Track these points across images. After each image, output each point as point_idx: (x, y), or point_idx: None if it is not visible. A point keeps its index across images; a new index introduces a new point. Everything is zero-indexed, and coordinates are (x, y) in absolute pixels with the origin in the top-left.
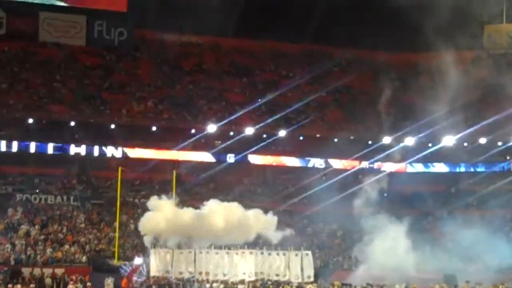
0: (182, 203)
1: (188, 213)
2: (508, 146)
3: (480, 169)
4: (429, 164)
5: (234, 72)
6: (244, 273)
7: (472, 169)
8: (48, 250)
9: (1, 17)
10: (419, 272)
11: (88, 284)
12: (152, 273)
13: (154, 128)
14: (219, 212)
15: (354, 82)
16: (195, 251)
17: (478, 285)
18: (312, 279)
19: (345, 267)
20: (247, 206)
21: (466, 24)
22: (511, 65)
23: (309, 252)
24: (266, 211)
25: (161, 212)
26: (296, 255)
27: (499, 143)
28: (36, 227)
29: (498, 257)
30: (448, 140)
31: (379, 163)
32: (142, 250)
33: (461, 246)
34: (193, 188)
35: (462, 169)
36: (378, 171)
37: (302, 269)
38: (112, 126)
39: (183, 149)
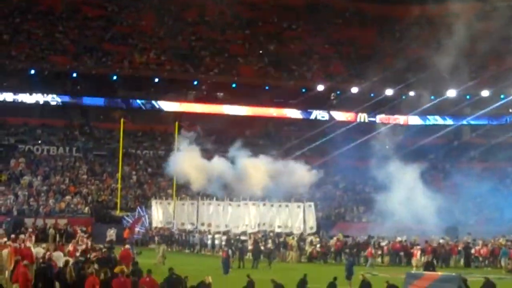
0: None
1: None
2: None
3: (483, 122)
4: (431, 117)
5: (237, 24)
6: (246, 225)
7: (474, 122)
8: (51, 201)
9: None
10: (420, 224)
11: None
12: (154, 224)
13: (156, 80)
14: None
15: (357, 34)
16: (198, 203)
17: (478, 238)
18: (314, 230)
19: (347, 219)
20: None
21: None
22: None
23: (312, 204)
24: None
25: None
26: (298, 206)
27: (502, 96)
28: (39, 178)
29: (499, 209)
30: (451, 93)
31: (381, 116)
32: (144, 201)
33: (463, 198)
34: (195, 140)
35: (465, 122)
36: (380, 124)
37: (304, 221)
38: (114, 77)
39: (185, 100)
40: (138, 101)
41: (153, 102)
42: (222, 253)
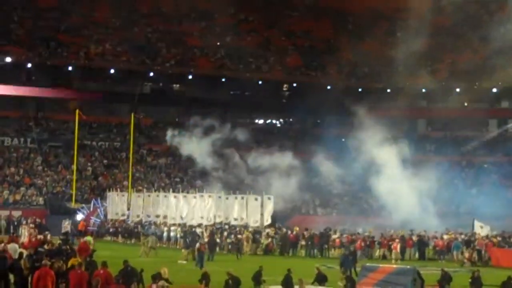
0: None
1: None
2: None
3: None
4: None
5: (193, 15)
6: (202, 217)
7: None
8: (5, 192)
9: None
10: (375, 217)
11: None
12: (109, 216)
13: (112, 71)
14: None
15: (312, 27)
16: (153, 195)
17: (435, 232)
18: (269, 222)
19: (303, 211)
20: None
21: None
22: (470, 12)
23: (272, 197)
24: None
25: None
26: (256, 199)
27: (457, 89)
28: None
29: (455, 203)
30: (407, 86)
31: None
32: (100, 193)
33: (419, 191)
34: (151, 131)
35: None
36: (338, 116)
37: (261, 214)
38: (70, 68)
39: (142, 92)
40: (94, 92)
41: (109, 93)
42: (200, 246)
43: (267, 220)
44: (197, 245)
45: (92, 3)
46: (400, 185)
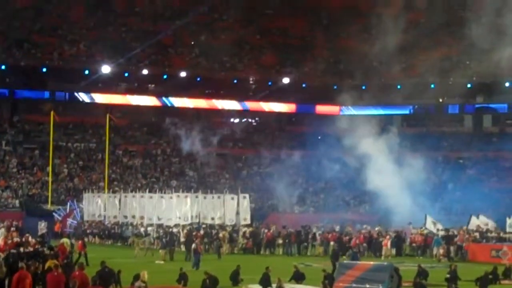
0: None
1: None
2: None
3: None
4: (362, 107)
5: (168, 14)
6: (179, 217)
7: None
8: None
9: None
10: (352, 214)
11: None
12: (86, 218)
13: (86, 72)
14: None
15: (287, 25)
16: (129, 196)
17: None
18: (248, 222)
19: (280, 210)
20: (181, 150)
21: None
22: (444, 8)
23: (247, 196)
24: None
25: None
26: (232, 198)
27: (432, 86)
28: None
29: (431, 199)
30: (381, 83)
31: (313, 106)
32: (76, 195)
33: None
34: (126, 132)
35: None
36: (313, 114)
37: (238, 213)
38: (44, 69)
39: (117, 92)
40: (68, 93)
41: (84, 94)
42: (196, 247)
43: (246, 219)
44: (193, 245)
45: (68, 2)
46: (377, 181)
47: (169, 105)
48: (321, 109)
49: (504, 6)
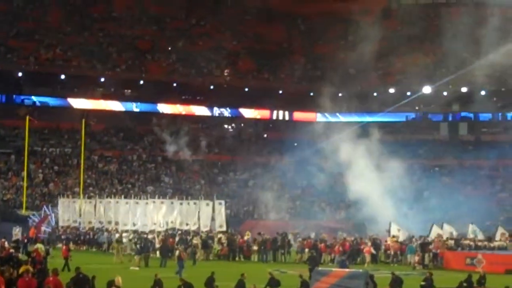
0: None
1: None
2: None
3: (390, 119)
4: (339, 114)
5: (145, 20)
6: (154, 223)
7: (382, 119)
8: None
9: None
10: (328, 221)
11: None
12: (60, 223)
13: (63, 76)
14: None
15: (264, 31)
16: (104, 201)
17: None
18: (224, 228)
19: (255, 216)
20: (157, 156)
21: None
22: (421, 16)
23: (223, 202)
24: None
25: None
26: (207, 204)
27: (408, 93)
28: None
29: (410, 207)
30: (359, 90)
31: (289, 112)
32: (51, 200)
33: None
34: (102, 137)
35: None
36: (290, 120)
37: (213, 219)
38: (20, 74)
39: (93, 97)
40: (44, 98)
41: (60, 98)
42: (180, 254)
43: (221, 226)
44: (177, 252)
45: (44, 7)
46: (353, 188)
47: (145, 110)
48: (298, 115)
49: (479, 16)
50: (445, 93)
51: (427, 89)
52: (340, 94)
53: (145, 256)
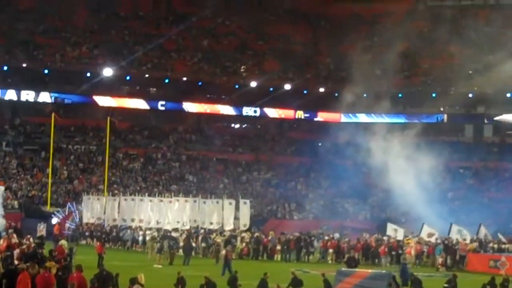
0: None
1: None
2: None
3: (415, 120)
4: (362, 114)
5: (171, 18)
6: (178, 222)
7: (407, 120)
8: None
9: None
10: (351, 221)
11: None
12: (85, 220)
13: (88, 74)
14: None
15: (290, 31)
16: (128, 199)
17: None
18: (248, 227)
19: (279, 216)
20: (181, 154)
21: None
22: (447, 17)
23: (247, 201)
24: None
25: None
26: (230, 203)
27: (433, 94)
28: None
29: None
30: (383, 91)
31: (314, 112)
32: (75, 197)
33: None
34: (127, 135)
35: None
36: (314, 120)
37: (237, 218)
38: (46, 71)
39: (118, 95)
40: (70, 95)
41: (85, 96)
42: (226, 253)
43: (245, 225)
44: (223, 252)
45: (71, 5)
46: (377, 190)
47: (170, 109)
48: (322, 115)
49: (505, 18)
50: (470, 95)
51: (452, 90)
52: (365, 95)
53: (171, 254)
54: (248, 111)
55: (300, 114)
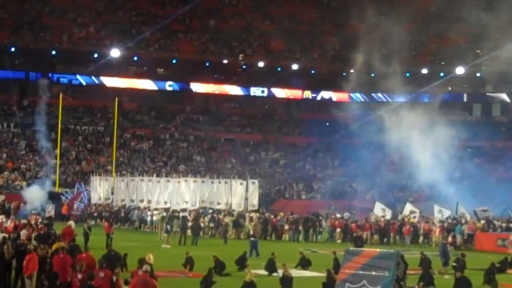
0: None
1: None
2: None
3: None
4: (373, 94)
5: None
6: (186, 202)
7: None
8: None
9: None
10: (359, 201)
11: None
12: (93, 201)
13: (96, 55)
14: None
15: (296, 11)
16: (136, 179)
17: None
18: (256, 207)
19: (287, 196)
20: (189, 134)
21: None
22: None
23: (256, 181)
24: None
25: None
26: (241, 184)
27: (441, 74)
28: None
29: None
30: (391, 70)
31: (321, 92)
32: (83, 178)
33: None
34: (135, 116)
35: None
36: (321, 100)
37: (246, 198)
38: (53, 52)
39: (125, 76)
40: (78, 76)
41: (93, 77)
42: (254, 233)
43: (253, 205)
44: (250, 230)
45: None
46: (386, 169)
47: (177, 89)
48: (329, 95)
49: None
50: (478, 74)
51: (460, 70)
52: (372, 74)
53: (182, 234)
54: (255, 91)
55: (308, 94)
